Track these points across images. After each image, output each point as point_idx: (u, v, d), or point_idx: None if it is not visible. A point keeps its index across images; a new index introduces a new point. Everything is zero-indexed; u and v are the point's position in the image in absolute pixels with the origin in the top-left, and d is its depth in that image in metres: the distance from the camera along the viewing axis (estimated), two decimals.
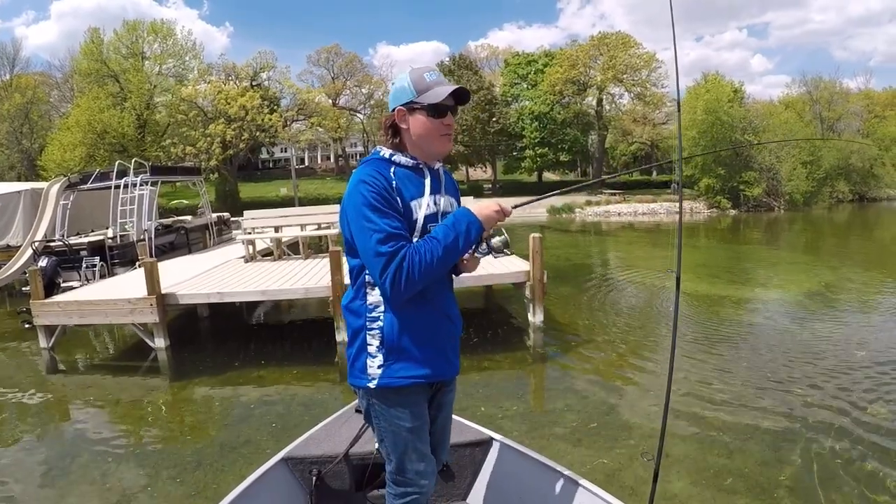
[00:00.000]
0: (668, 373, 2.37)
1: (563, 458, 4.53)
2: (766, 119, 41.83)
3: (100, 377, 7.72)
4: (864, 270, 14.28)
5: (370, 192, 1.90)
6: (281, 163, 72.65)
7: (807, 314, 9.65)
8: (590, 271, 15.61)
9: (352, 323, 2.10)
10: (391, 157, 2.05)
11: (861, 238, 23.75)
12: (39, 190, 14.81)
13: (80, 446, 5.40)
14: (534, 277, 8.21)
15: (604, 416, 5.57)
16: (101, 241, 12.16)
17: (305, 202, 36.72)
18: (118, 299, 7.82)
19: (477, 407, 5.80)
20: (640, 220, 34.87)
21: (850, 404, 5.58)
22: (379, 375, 2.02)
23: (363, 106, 62.99)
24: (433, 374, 2.09)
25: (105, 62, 41.39)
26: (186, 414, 6.33)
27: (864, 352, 7.26)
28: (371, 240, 1.87)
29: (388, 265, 1.84)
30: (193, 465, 4.82)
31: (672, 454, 4.58)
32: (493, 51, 71.20)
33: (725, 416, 5.38)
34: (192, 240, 14.77)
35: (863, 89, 57.75)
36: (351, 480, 2.96)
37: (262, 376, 7.17)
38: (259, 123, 43.78)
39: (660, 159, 65.40)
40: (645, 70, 50.20)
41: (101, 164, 30.46)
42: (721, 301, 10.71)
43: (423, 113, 2.00)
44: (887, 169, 46.56)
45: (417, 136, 2.03)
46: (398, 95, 2.04)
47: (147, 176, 13.27)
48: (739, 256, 18.08)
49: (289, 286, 7.96)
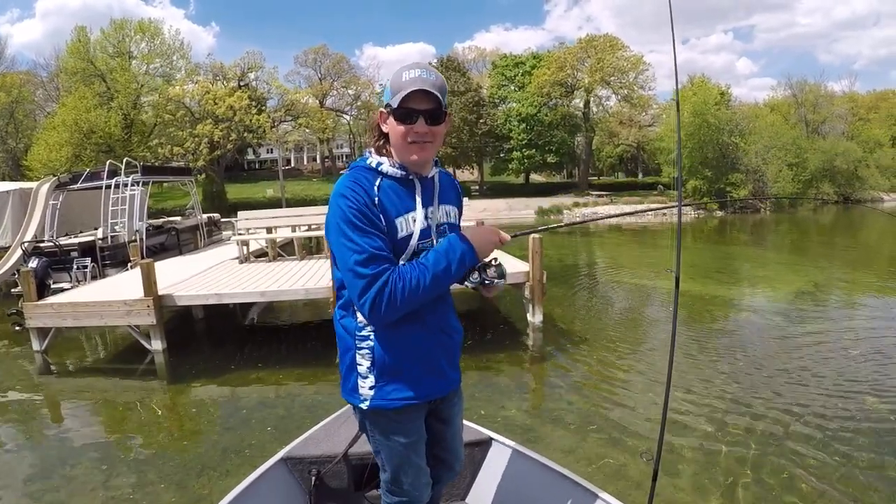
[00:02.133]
0: (668, 374, 2.36)
1: (565, 458, 4.56)
2: (753, 121, 42.27)
3: (95, 380, 7.60)
4: (853, 270, 14.61)
5: (349, 207, 1.75)
6: (267, 164, 72.32)
7: (800, 312, 9.79)
8: (583, 272, 15.72)
9: (342, 338, 2.00)
10: (378, 166, 1.87)
11: (846, 239, 24.08)
12: (28, 190, 14.61)
13: (80, 452, 5.31)
14: (533, 278, 8.23)
15: (604, 416, 5.58)
16: (92, 242, 12.01)
17: (292, 203, 36.56)
18: (114, 301, 7.71)
19: (478, 408, 5.80)
20: (628, 221, 35.03)
21: (850, 400, 5.65)
22: (371, 397, 1.94)
23: (350, 107, 62.92)
24: (428, 393, 2.00)
25: (92, 61, 41.05)
26: (186, 418, 6.26)
27: (858, 350, 7.38)
28: (350, 259, 1.73)
29: (369, 289, 1.70)
30: (197, 470, 4.76)
31: (672, 454, 4.60)
32: (480, 52, 71.46)
33: (726, 415, 5.41)
34: (183, 241, 14.64)
35: (847, 92, 58.84)
36: (350, 480, 2.95)
37: (261, 378, 7.11)
38: (247, 124, 43.58)
39: (646, 161, 66.06)
40: (632, 73, 50.50)
41: (87, 164, 30.14)
42: (714, 300, 10.83)
43: (393, 116, 1.82)
44: (871, 171, 47.17)
45: (392, 142, 1.87)
46: (385, 94, 1.86)
47: (138, 176, 13.14)
48: (729, 257, 18.29)
49: (288, 287, 7.90)
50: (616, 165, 75.75)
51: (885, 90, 62.46)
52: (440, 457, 2.29)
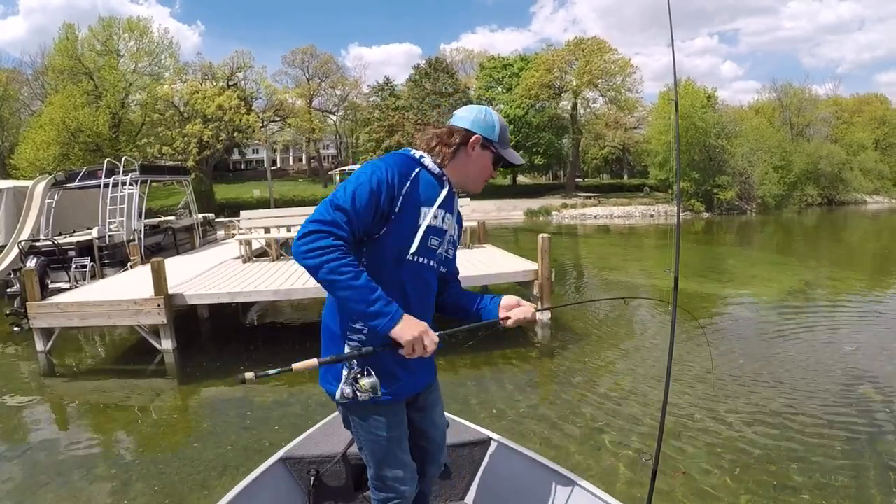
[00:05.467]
0: (667, 373, 2.41)
1: (571, 458, 4.64)
2: (739, 124, 42.74)
3: (103, 382, 7.46)
4: (841, 270, 15.00)
5: (376, 177, 1.87)
6: (252, 164, 71.91)
7: (791, 310, 10.05)
8: (579, 271, 15.84)
9: (330, 328, 2.08)
10: (420, 158, 2.03)
11: (831, 240, 24.59)
12: (22, 188, 14.40)
13: (97, 455, 5.23)
14: (542, 276, 8.37)
15: (611, 413, 5.63)
16: (90, 242, 11.85)
17: (281, 203, 36.47)
18: (122, 300, 7.63)
19: (493, 403, 5.92)
20: (616, 222, 35.32)
21: (851, 397, 5.76)
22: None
23: (337, 107, 62.78)
24: (412, 387, 2.12)
25: (79, 59, 40.53)
26: (202, 418, 6.19)
27: (853, 346, 7.58)
28: (339, 197, 1.83)
29: (316, 224, 1.78)
30: (219, 469, 4.73)
31: (672, 453, 4.62)
32: (468, 54, 71.60)
33: (726, 415, 5.44)
34: (180, 240, 14.51)
35: (831, 96, 59.61)
36: (349, 480, 2.96)
37: (273, 377, 7.05)
38: (237, 124, 43.34)
39: (631, 163, 66.55)
40: (619, 75, 50.82)
41: (74, 163, 29.85)
42: (710, 298, 11.09)
43: (491, 157, 2.08)
44: (855, 173, 47.86)
45: (474, 167, 2.09)
46: (483, 127, 2.06)
47: (137, 175, 13.02)
48: (719, 256, 18.49)
49: (300, 285, 7.88)
50: (601, 167, 76.23)
51: (867, 94, 63.53)
52: (424, 448, 2.36)
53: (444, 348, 1.99)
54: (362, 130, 57.76)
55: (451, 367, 7.12)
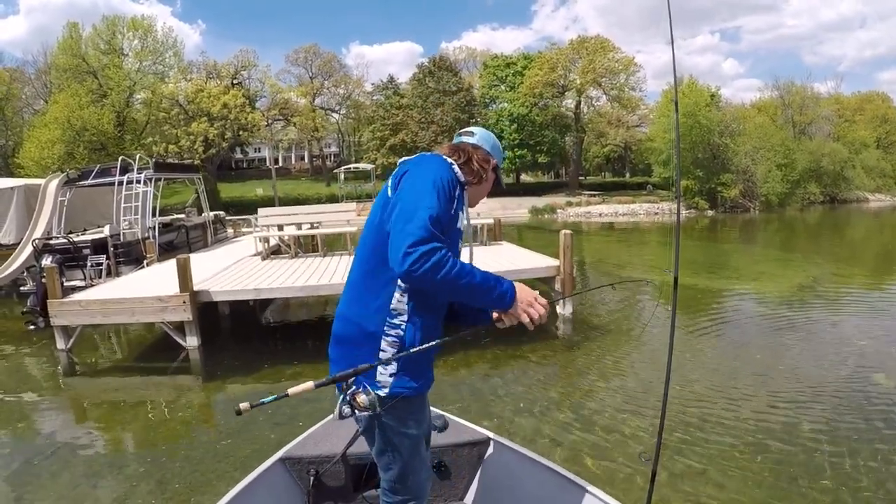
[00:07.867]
0: (666, 375, 2.45)
1: (574, 453, 4.67)
2: (742, 123, 42.74)
3: (127, 379, 7.46)
4: (847, 266, 15.12)
5: (446, 179, 1.94)
6: (255, 163, 71.84)
7: (801, 305, 10.12)
8: (589, 266, 15.89)
9: (363, 327, 2.00)
10: (456, 171, 2.08)
11: (835, 237, 24.62)
12: (34, 186, 14.41)
13: (129, 454, 5.23)
14: (564, 271, 8.46)
15: (631, 409, 5.65)
16: (104, 240, 11.86)
17: (285, 202, 36.51)
18: (147, 297, 7.63)
19: (521, 396, 6.01)
20: (620, 220, 35.34)
21: (860, 393, 5.80)
22: (391, 384, 1.97)
23: (339, 106, 62.76)
24: (430, 383, 2.13)
25: (84, 58, 40.46)
26: (230, 415, 6.04)
27: (866, 340, 7.60)
28: (424, 213, 1.78)
29: (423, 244, 1.72)
30: (254, 466, 4.72)
31: (672, 454, 4.59)
32: (470, 52, 71.58)
33: (726, 415, 5.43)
34: (193, 238, 14.51)
35: (833, 94, 59.45)
36: (348, 480, 2.96)
37: (300, 373, 7.05)
38: (242, 122, 43.33)
39: (633, 161, 66.55)
40: (623, 74, 50.80)
41: (80, 162, 29.80)
42: (718, 294, 11.24)
43: (494, 179, 2.27)
44: (857, 172, 47.86)
45: (486, 188, 2.25)
46: (499, 155, 2.28)
47: (151, 172, 13.02)
48: (725, 254, 18.64)
49: (326, 281, 7.87)
50: (603, 165, 76.17)
51: (869, 92, 63.26)
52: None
53: (465, 344, 2.01)
54: (366, 129, 57.70)
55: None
